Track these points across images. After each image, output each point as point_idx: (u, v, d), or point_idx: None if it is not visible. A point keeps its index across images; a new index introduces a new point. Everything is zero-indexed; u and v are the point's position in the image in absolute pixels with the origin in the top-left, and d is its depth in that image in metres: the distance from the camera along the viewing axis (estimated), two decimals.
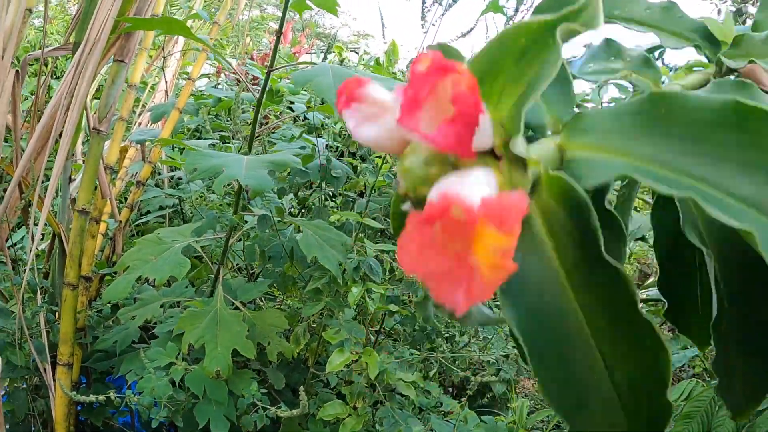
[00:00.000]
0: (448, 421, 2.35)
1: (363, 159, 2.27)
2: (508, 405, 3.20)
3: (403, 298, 2.08)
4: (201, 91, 3.34)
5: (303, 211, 2.44)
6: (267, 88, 2.70)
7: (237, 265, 2.55)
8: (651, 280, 5.64)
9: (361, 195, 2.24)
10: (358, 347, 1.92)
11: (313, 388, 2.31)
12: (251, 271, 2.49)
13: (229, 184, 2.63)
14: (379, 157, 2.10)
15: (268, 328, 2.00)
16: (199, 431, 2.21)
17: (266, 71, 1.87)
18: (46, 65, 2.78)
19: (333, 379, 2.24)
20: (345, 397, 2.06)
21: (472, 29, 2.25)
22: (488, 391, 3.56)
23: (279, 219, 2.02)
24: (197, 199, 2.74)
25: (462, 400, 2.18)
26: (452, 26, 2.27)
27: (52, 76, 5.74)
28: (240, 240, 2.41)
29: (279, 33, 1.93)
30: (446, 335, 2.40)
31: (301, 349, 2.30)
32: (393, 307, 1.99)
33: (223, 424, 1.92)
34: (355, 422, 2.00)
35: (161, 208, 2.93)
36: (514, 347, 3.03)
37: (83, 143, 3.40)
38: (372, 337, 2.37)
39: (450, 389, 3.51)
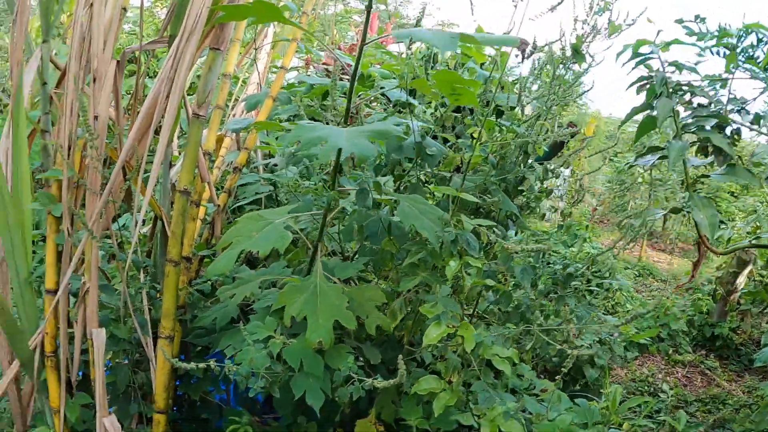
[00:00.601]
0: (540, 401, 2.33)
1: (458, 136, 2.26)
2: (601, 390, 3.15)
3: (499, 274, 2.07)
4: (292, 83, 3.41)
5: (399, 190, 2.45)
6: (359, 74, 2.74)
7: (332, 249, 2.58)
8: (749, 268, 5.43)
9: (458, 170, 2.23)
10: (454, 321, 1.92)
11: (408, 367, 2.32)
12: (346, 255, 2.52)
13: (323, 170, 2.67)
14: (473, 135, 2.10)
15: (366, 302, 2.02)
16: (294, 404, 2.26)
17: (360, 44, 1.89)
18: (143, 61, 2.88)
19: (428, 357, 2.25)
20: (439, 376, 2.06)
21: (560, 2, 2.22)
22: (581, 377, 3.51)
23: (377, 195, 2.03)
24: (292, 184, 2.78)
25: (556, 378, 2.15)
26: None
27: (146, 76, 5.96)
28: (334, 225, 2.44)
29: (369, 7, 1.95)
30: (541, 313, 2.36)
31: (396, 327, 2.31)
32: (490, 282, 1.98)
33: (318, 396, 1.95)
34: (449, 397, 2.00)
35: (256, 195, 3.00)
36: (608, 333, 2.97)
37: (178, 138, 3.51)
38: (466, 319, 2.36)
39: (542, 375, 3.47)
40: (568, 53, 2.33)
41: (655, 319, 5.09)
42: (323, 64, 4.40)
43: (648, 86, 2.94)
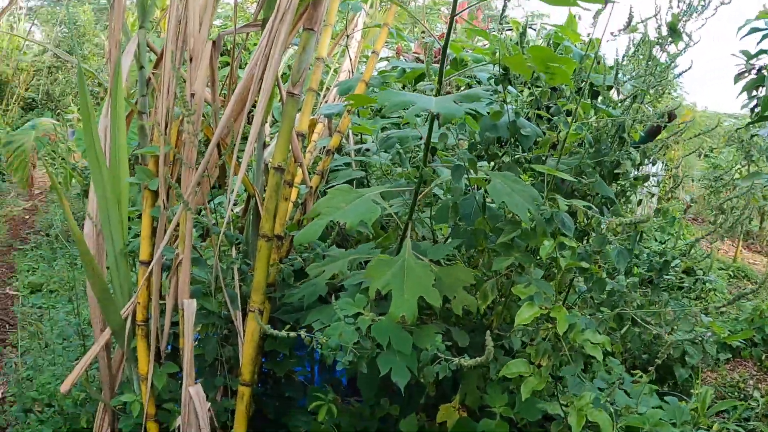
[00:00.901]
0: (629, 396, 2.25)
1: (552, 115, 2.21)
2: (691, 391, 3.03)
3: (594, 257, 2.01)
4: (384, 70, 3.42)
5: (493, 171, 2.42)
6: (452, 57, 2.71)
7: (423, 235, 2.56)
8: None
9: (554, 147, 2.18)
10: (547, 303, 1.87)
11: (495, 354, 2.27)
12: (437, 240, 2.49)
13: (415, 154, 2.65)
14: (569, 113, 2.04)
15: (455, 282, 1.99)
16: (377, 385, 2.25)
17: (451, 14, 1.87)
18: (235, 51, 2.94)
19: (516, 343, 2.20)
20: (528, 361, 2.01)
21: None
22: (670, 377, 3.39)
23: (471, 173, 2.00)
24: (384, 169, 2.79)
25: (649, 371, 2.08)
26: None
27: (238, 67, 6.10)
28: (424, 212, 2.42)
29: None
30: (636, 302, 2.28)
31: (484, 314, 2.27)
32: (584, 264, 1.92)
33: (404, 374, 1.93)
34: (537, 382, 1.95)
35: (348, 179, 3.02)
36: (704, 329, 2.85)
37: (270, 126, 3.57)
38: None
39: (631, 372, 3.37)
40: (663, 32, 2.24)
41: (750, 323, 4.88)
42: (414, 53, 4.40)
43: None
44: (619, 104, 2.28)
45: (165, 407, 2.42)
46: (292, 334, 1.89)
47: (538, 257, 1.97)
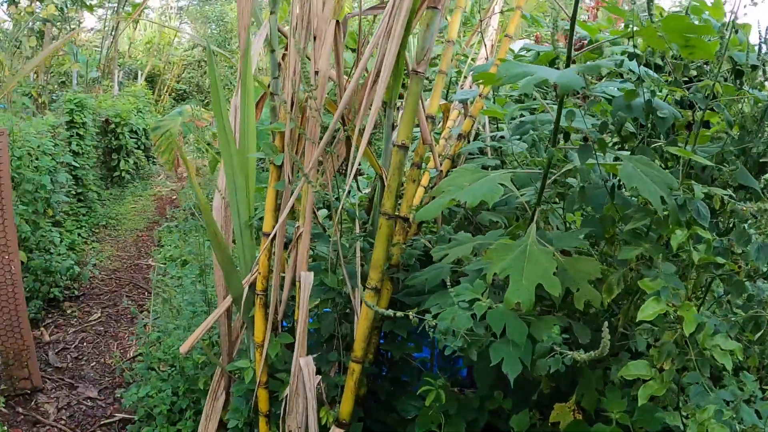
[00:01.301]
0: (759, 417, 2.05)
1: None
2: None
3: (735, 255, 1.84)
4: (519, 55, 3.35)
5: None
6: (587, 40, 2.60)
7: (556, 227, 2.47)
8: None
9: (688, 127, 2.02)
10: (675, 300, 1.73)
11: (618, 355, 2.14)
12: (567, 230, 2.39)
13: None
14: (707, 96, 1.87)
15: (579, 274, 1.87)
16: (492, 377, 2.17)
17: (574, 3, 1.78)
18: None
19: (642, 343, 2.06)
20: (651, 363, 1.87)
21: None
22: None
23: (600, 153, 1.88)
24: (521, 155, 2.71)
25: None
26: None
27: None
28: (557, 202, 2.33)
29: None
30: None
31: (611, 309, 2.14)
32: (720, 260, 1.76)
33: (515, 365, 1.84)
34: (657, 387, 1.80)
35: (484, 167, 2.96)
36: None
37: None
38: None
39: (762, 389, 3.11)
40: None
41: None
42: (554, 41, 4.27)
43: None
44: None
45: (278, 377, 2.48)
46: (399, 314, 1.85)
47: (671, 254, 1.84)
